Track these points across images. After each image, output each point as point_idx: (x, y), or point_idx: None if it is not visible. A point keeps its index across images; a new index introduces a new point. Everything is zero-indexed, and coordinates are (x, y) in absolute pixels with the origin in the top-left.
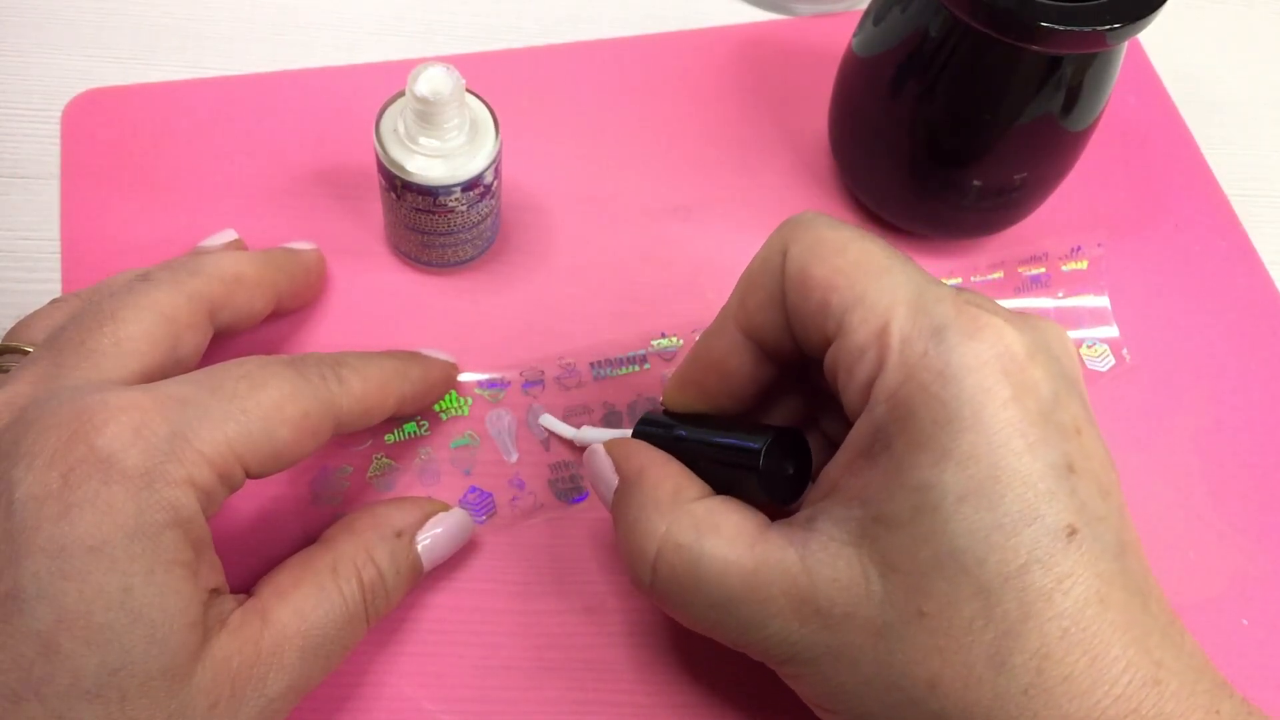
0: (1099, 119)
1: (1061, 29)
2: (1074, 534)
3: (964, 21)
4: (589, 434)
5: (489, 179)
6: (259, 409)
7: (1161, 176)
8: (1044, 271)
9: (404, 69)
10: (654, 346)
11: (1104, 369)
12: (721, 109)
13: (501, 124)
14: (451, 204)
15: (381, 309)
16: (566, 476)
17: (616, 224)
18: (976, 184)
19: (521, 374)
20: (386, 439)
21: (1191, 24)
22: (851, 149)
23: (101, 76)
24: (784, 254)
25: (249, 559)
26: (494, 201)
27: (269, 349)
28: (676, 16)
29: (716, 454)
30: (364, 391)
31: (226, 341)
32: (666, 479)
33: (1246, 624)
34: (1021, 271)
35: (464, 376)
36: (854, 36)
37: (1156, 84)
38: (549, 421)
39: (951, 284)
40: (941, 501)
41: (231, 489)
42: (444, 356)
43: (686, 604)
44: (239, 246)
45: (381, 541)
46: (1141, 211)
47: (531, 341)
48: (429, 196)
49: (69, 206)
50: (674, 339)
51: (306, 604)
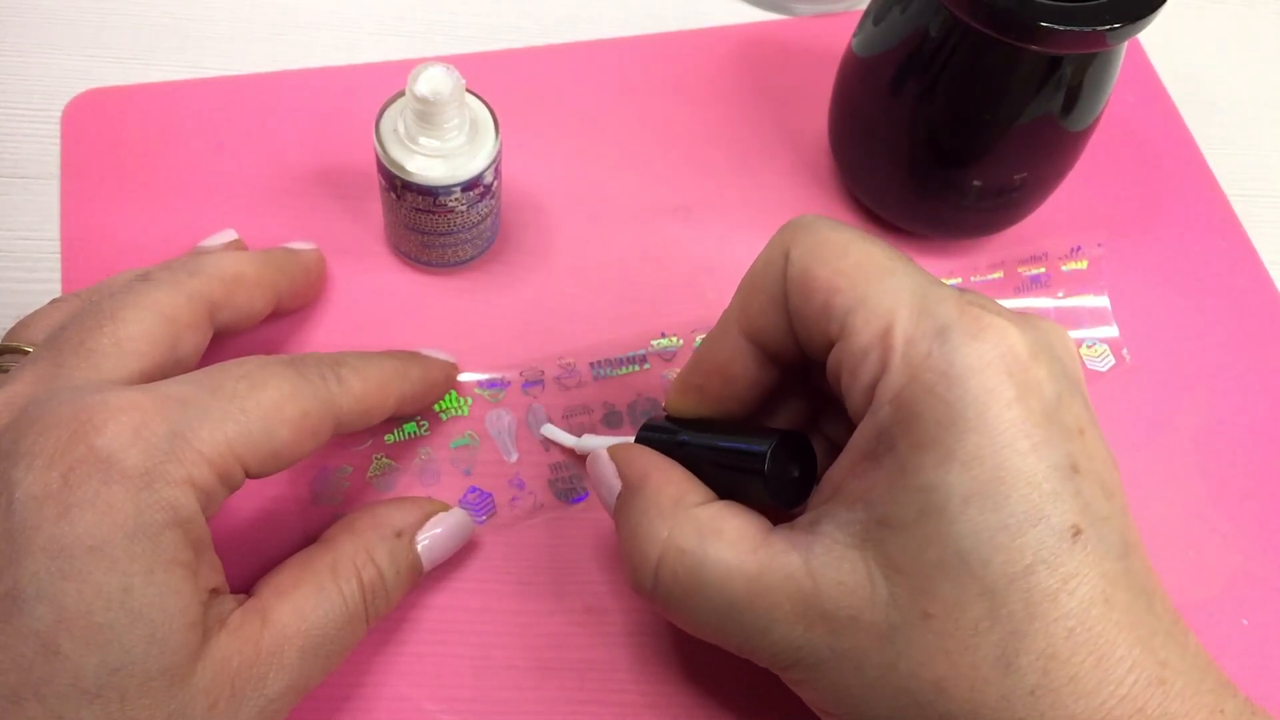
0: (1099, 119)
1: (1061, 29)
2: (1079, 534)
3: (964, 21)
4: (589, 441)
5: (489, 179)
6: (259, 409)
7: (1161, 176)
8: (1044, 271)
9: (404, 69)
10: (654, 346)
11: (1104, 369)
12: (721, 109)
13: (501, 124)
14: (451, 204)
15: (381, 309)
16: (566, 477)
17: (616, 224)
18: (976, 184)
19: (521, 374)
20: (386, 439)
21: (1191, 24)
22: (851, 149)
23: (101, 76)
24: (786, 257)
25: (249, 559)
26: (494, 201)
27: (269, 349)
28: (676, 16)
29: (720, 458)
30: (364, 391)
31: (226, 341)
32: (669, 484)
33: (1246, 624)
34: (1021, 271)
35: (464, 376)
36: (854, 36)
37: (1156, 84)
38: (551, 432)
39: (952, 284)
40: (946, 503)
41: (231, 489)
42: (444, 356)
43: (689, 610)
44: (239, 246)
45: (381, 541)
46: (1141, 211)
47: (531, 341)
48: (429, 196)
49: (69, 206)
50: (674, 339)
51: (306, 604)
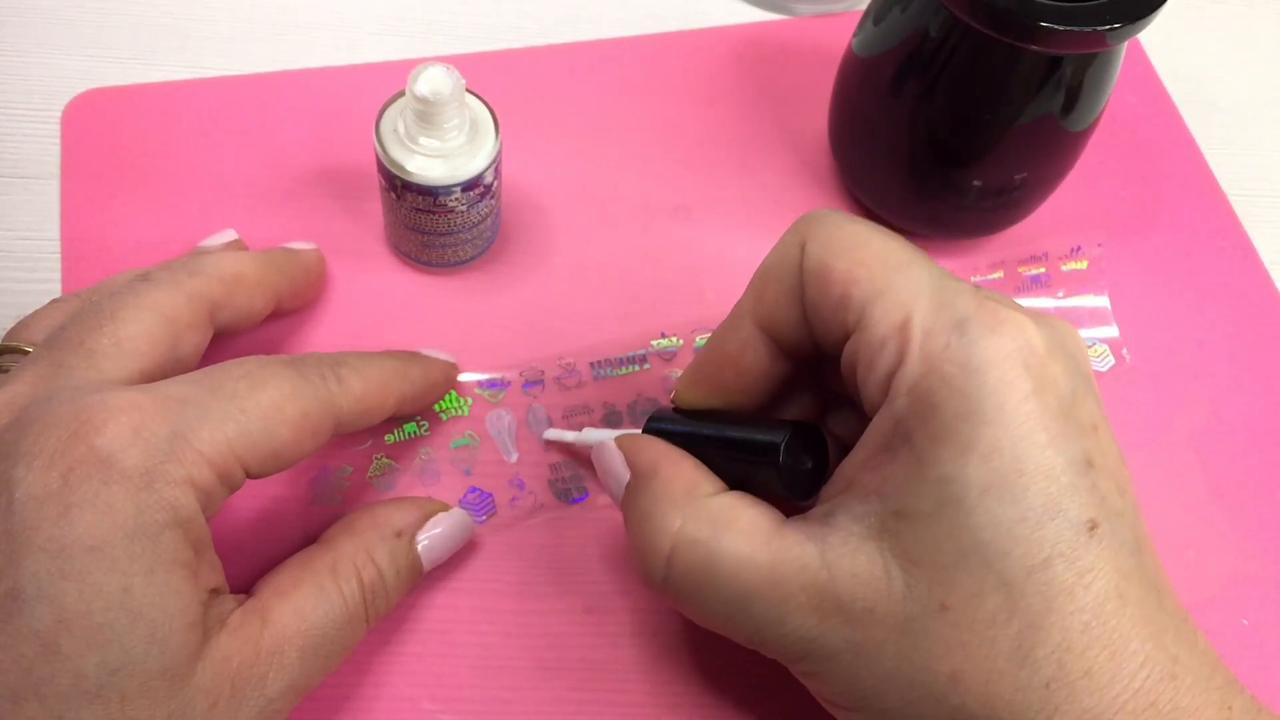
0: (1099, 119)
1: (1061, 29)
2: (1095, 528)
3: (964, 21)
4: (593, 435)
5: (489, 179)
6: (259, 409)
7: (1161, 176)
8: (1044, 271)
9: (404, 69)
10: (654, 346)
11: (1104, 369)
12: (721, 109)
13: (501, 124)
14: (451, 204)
15: (381, 309)
16: (566, 476)
17: (616, 224)
18: (976, 184)
19: (521, 374)
20: (386, 439)
21: (1191, 24)
22: (851, 149)
23: (101, 76)
24: (802, 248)
25: (249, 559)
26: (494, 201)
27: (269, 349)
28: (676, 16)
29: (733, 448)
30: (364, 391)
31: (226, 341)
32: (680, 474)
33: (1246, 624)
34: (1021, 271)
35: (464, 376)
36: (854, 36)
37: (1156, 84)
38: (553, 434)
39: None
40: (964, 495)
41: (231, 489)
42: (444, 356)
43: (701, 601)
44: (239, 246)
45: (381, 541)
46: (1141, 211)
47: (531, 341)
48: (429, 196)
49: (69, 206)
50: (674, 339)
51: (306, 604)
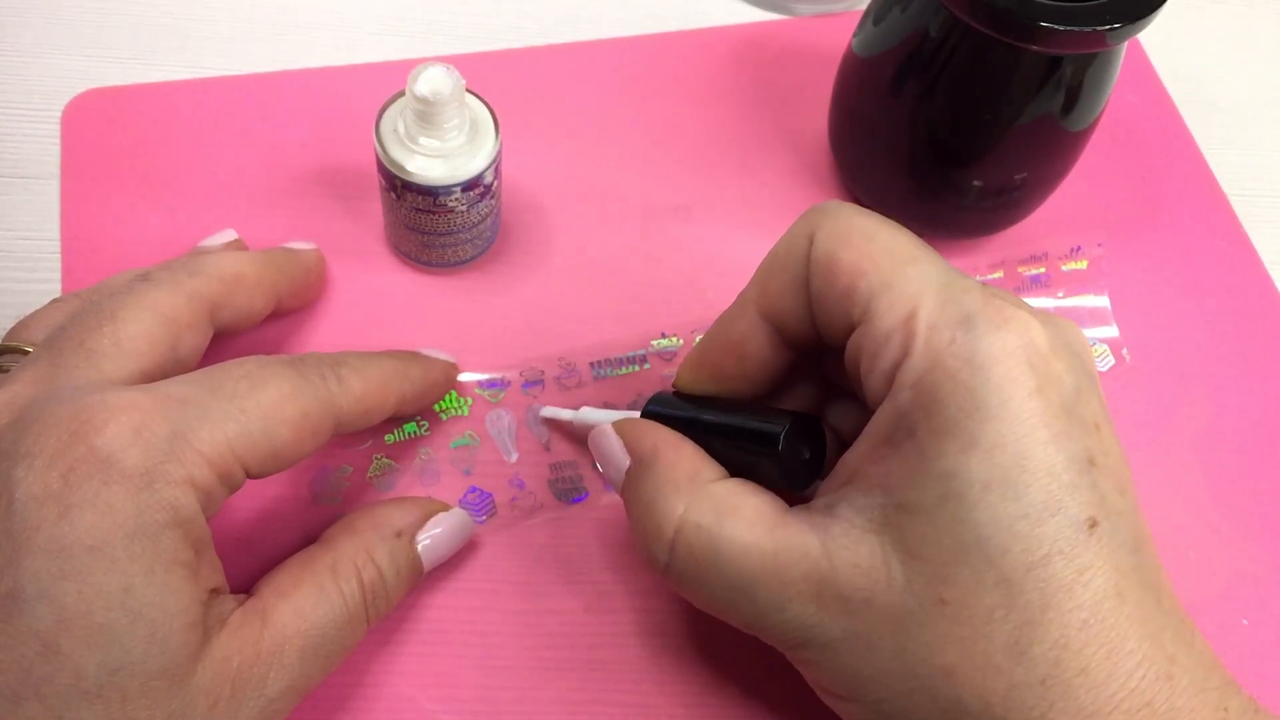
0: (1099, 119)
1: (1061, 29)
2: (1095, 527)
3: (964, 21)
4: (589, 415)
5: (489, 179)
6: (259, 409)
7: (1161, 176)
8: (1044, 271)
9: (404, 69)
10: (654, 346)
11: (1104, 369)
12: (721, 109)
13: (501, 124)
14: (451, 204)
15: (381, 309)
16: (566, 476)
17: (616, 224)
18: (976, 184)
19: (521, 374)
20: (386, 439)
21: (1191, 24)
22: (851, 149)
23: (101, 76)
24: (810, 239)
25: (249, 559)
26: (494, 201)
27: (269, 349)
28: (676, 16)
29: (732, 436)
30: (364, 391)
31: (226, 341)
32: (683, 459)
33: (1246, 624)
34: (1021, 271)
35: (464, 376)
36: (854, 36)
37: (1156, 84)
38: (549, 412)
39: None
40: (966, 490)
41: (231, 489)
42: (444, 356)
43: (703, 585)
44: (239, 246)
45: (381, 541)
46: (1141, 211)
47: (531, 341)
48: (429, 196)
49: (69, 206)
50: (674, 339)
51: (306, 604)
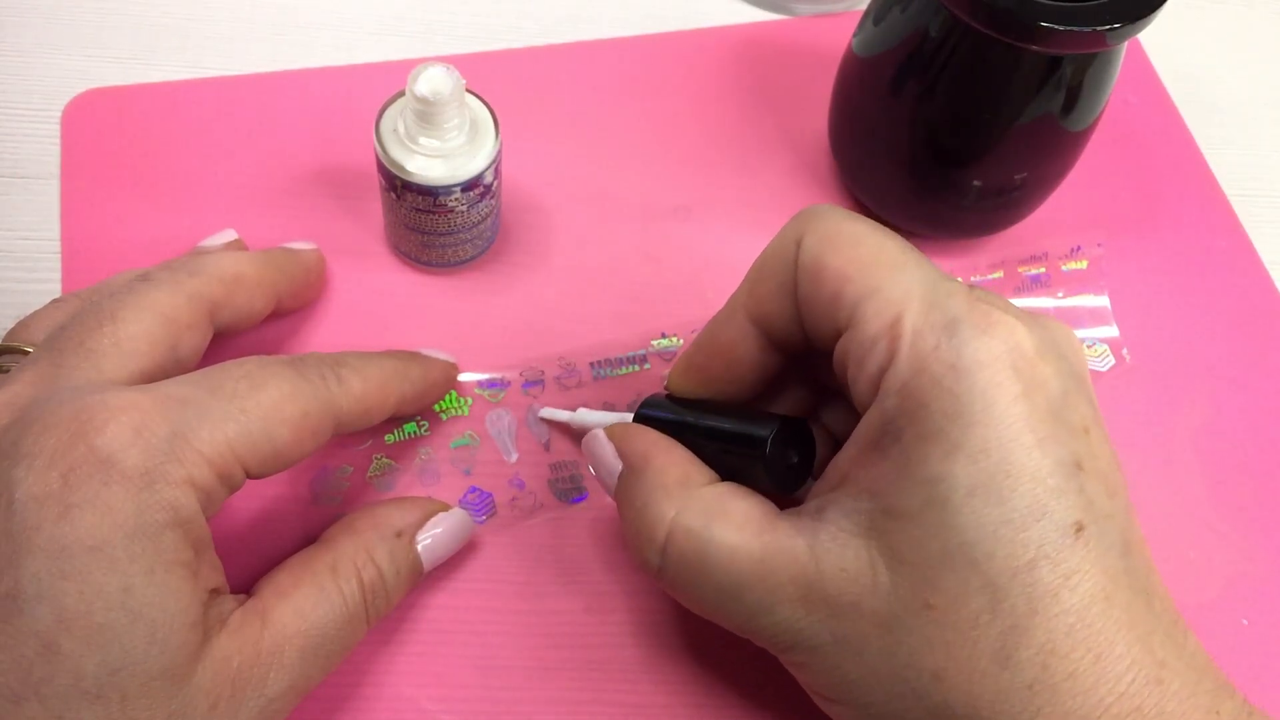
0: (1099, 119)
1: (1061, 29)
2: (1081, 531)
3: (964, 21)
4: (586, 417)
5: (489, 179)
6: (259, 409)
7: (1161, 176)
8: (1044, 271)
9: (404, 69)
10: (654, 346)
11: (1104, 369)
12: (721, 109)
13: (501, 124)
14: (451, 204)
15: (381, 309)
16: (566, 476)
17: (616, 224)
18: (976, 184)
19: (521, 374)
20: (386, 439)
21: (1191, 24)
22: (851, 149)
23: (101, 76)
24: (798, 244)
25: (249, 559)
26: (494, 201)
27: (269, 349)
28: (676, 16)
29: (721, 440)
30: (364, 391)
31: (226, 341)
32: (674, 464)
33: (1246, 624)
34: (1021, 271)
35: (464, 376)
36: (854, 36)
37: (1156, 84)
38: (547, 412)
39: None
40: (951, 495)
41: (231, 489)
42: (444, 356)
43: (694, 588)
44: (239, 246)
45: (381, 541)
46: (1141, 211)
47: (531, 341)
48: (429, 196)
49: (69, 206)
50: (674, 339)
51: (306, 604)
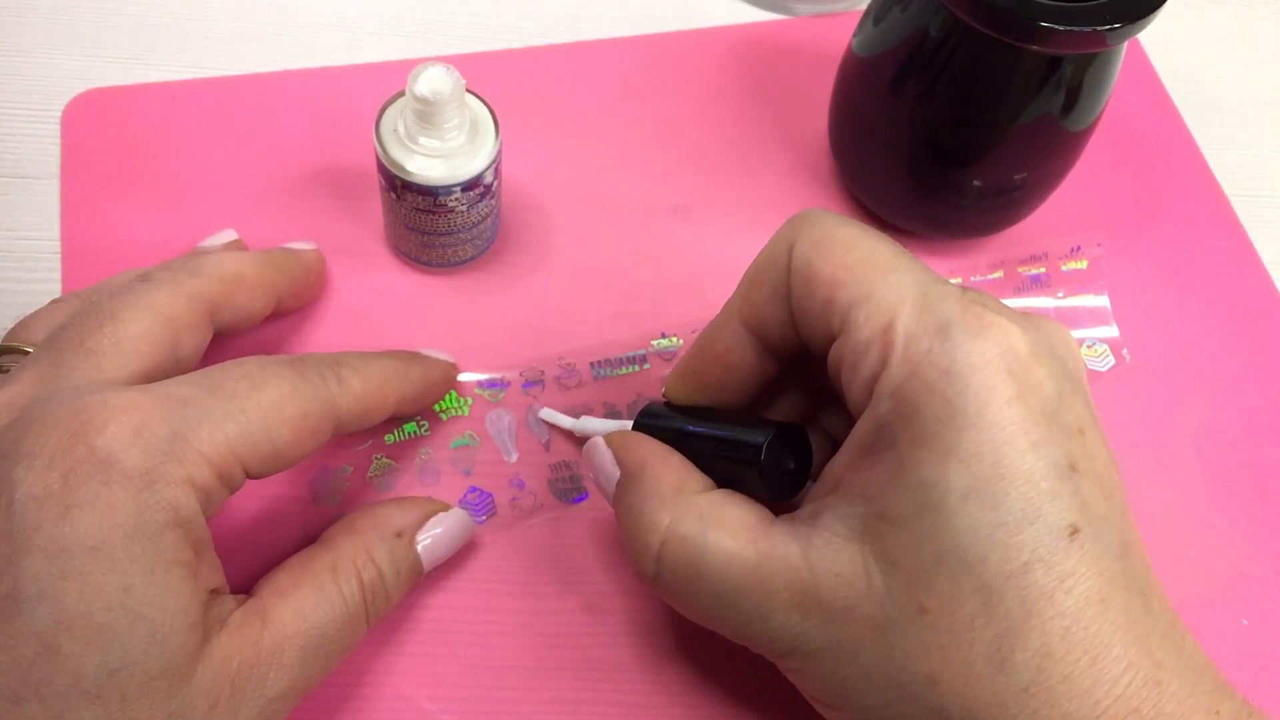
0: (1099, 119)
1: (1061, 29)
2: (1076, 533)
3: (964, 21)
4: (588, 424)
5: (489, 179)
6: (259, 409)
7: (1161, 176)
8: (1044, 271)
9: (404, 69)
10: (654, 346)
11: (1104, 369)
12: (721, 109)
13: (501, 124)
14: (451, 204)
15: (381, 309)
16: (566, 476)
17: (616, 224)
18: (976, 184)
19: (521, 374)
20: (386, 439)
21: (1191, 24)
22: (851, 149)
23: (101, 76)
24: (790, 249)
25: (249, 559)
26: (494, 201)
27: (269, 349)
28: (676, 16)
29: (718, 448)
30: (364, 391)
31: (226, 341)
32: (669, 472)
33: (1246, 624)
34: (1021, 271)
35: (464, 376)
36: (854, 36)
37: (1156, 84)
38: (548, 415)
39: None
40: (945, 499)
41: (231, 489)
42: (444, 356)
43: (690, 595)
44: (239, 246)
45: (381, 541)
46: (1141, 211)
47: (531, 341)
48: (429, 196)
49: (69, 206)
50: (674, 339)
51: (306, 604)
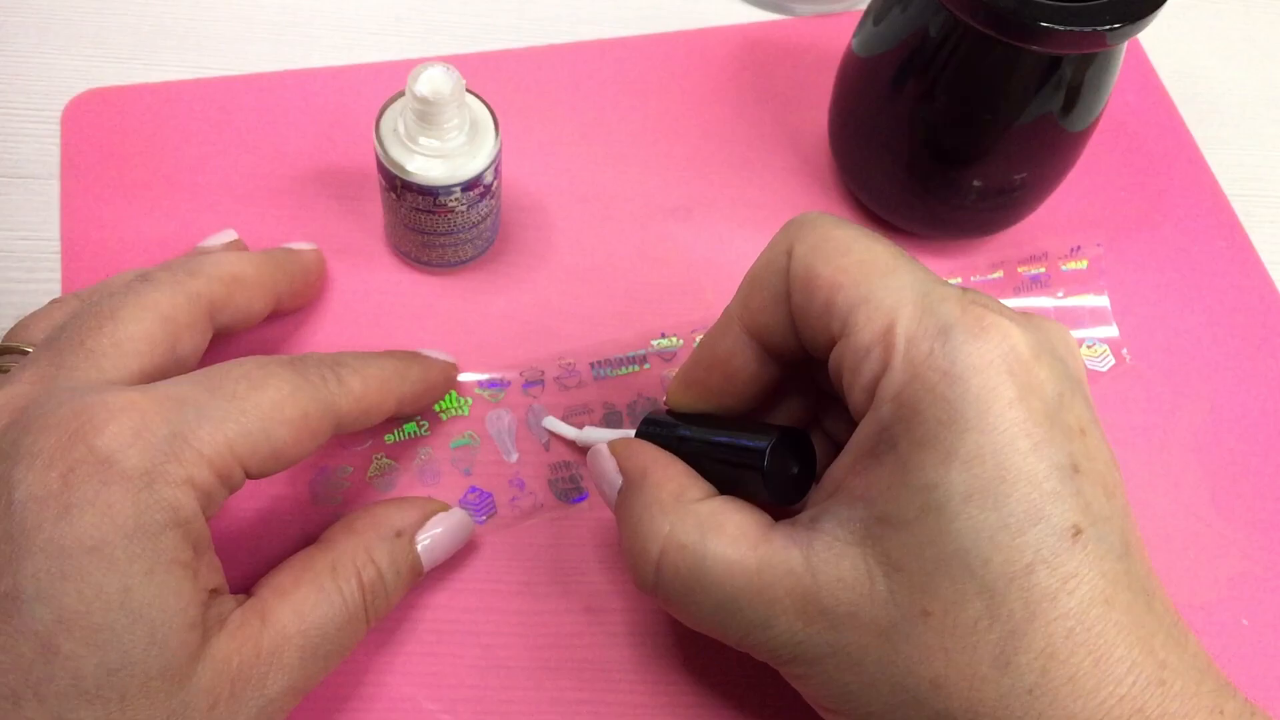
0: (1099, 119)
1: (1061, 29)
2: (1079, 534)
3: (964, 21)
4: (591, 434)
5: (489, 179)
6: (258, 409)
7: (1161, 176)
8: (1044, 271)
9: (404, 69)
10: (654, 346)
11: (1104, 369)
12: (721, 109)
13: (501, 124)
14: (451, 204)
15: (381, 309)
16: (566, 476)
17: (616, 224)
18: (976, 184)
19: (521, 374)
20: (386, 439)
21: (1191, 24)
22: (851, 149)
23: (101, 76)
24: (789, 253)
25: (249, 559)
26: (494, 201)
27: (269, 349)
28: (676, 16)
29: (720, 454)
30: (364, 391)
31: (226, 341)
32: (670, 479)
33: (1246, 624)
34: (1021, 271)
35: (464, 376)
36: (854, 36)
37: (1156, 84)
38: (551, 424)
39: (953, 284)
40: (947, 501)
41: (231, 489)
42: (444, 356)
43: (690, 604)
44: (239, 246)
45: (381, 542)
46: (1141, 211)
47: (531, 341)
48: (429, 196)
49: (69, 206)
50: (674, 339)
51: (306, 604)
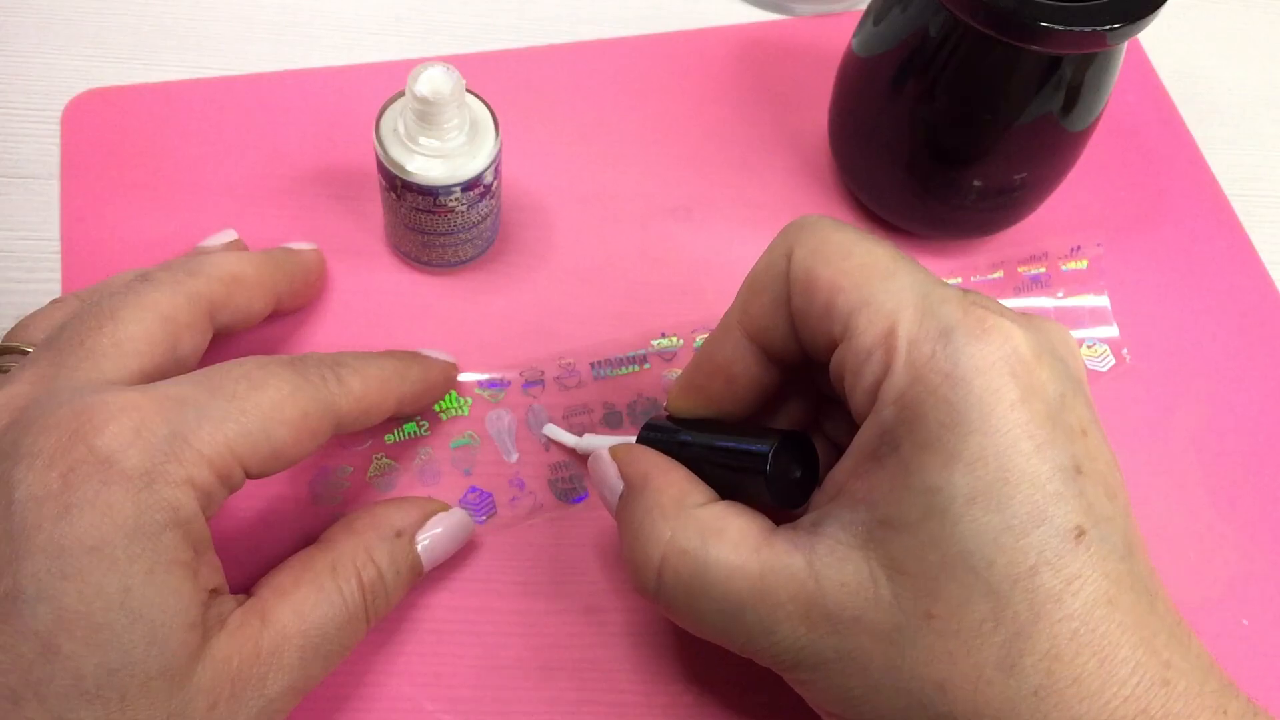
0: (1099, 119)
1: (1061, 29)
2: (1082, 535)
3: (964, 21)
4: (592, 441)
5: (489, 179)
6: (258, 409)
7: (1161, 176)
8: (1044, 271)
9: (404, 69)
10: (654, 346)
11: (1104, 369)
12: (721, 109)
13: (501, 124)
14: (451, 204)
15: (381, 309)
16: (566, 476)
17: (616, 224)
18: (976, 184)
19: (521, 374)
20: (386, 439)
21: (1191, 24)
22: (851, 149)
23: (101, 76)
24: (789, 257)
25: (249, 559)
26: (494, 201)
27: (269, 349)
28: (676, 16)
29: (722, 458)
30: (364, 391)
31: (226, 341)
32: (671, 485)
33: (1246, 624)
34: (1021, 271)
35: (464, 376)
36: (854, 36)
37: (1156, 84)
38: (552, 431)
39: (952, 284)
40: (950, 504)
41: (231, 489)
42: (444, 356)
43: (692, 610)
44: (239, 246)
45: (381, 541)
46: (1141, 211)
47: (531, 341)
48: (429, 196)
49: (69, 206)
50: (674, 339)
51: (306, 604)
